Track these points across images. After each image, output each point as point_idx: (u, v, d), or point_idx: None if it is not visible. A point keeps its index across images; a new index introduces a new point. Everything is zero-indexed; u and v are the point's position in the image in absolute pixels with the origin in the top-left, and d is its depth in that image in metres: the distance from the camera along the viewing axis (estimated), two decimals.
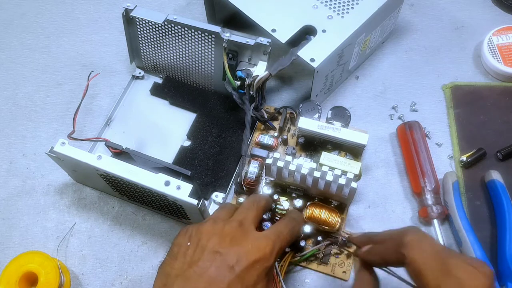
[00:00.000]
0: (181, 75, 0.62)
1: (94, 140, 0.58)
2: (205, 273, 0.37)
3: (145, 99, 0.63)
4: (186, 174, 0.48)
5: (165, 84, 0.63)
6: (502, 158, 0.56)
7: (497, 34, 0.63)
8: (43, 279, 0.49)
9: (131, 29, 0.60)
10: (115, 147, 0.51)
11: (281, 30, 0.55)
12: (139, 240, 0.54)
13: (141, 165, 0.48)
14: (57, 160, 0.51)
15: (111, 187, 0.53)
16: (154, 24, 0.57)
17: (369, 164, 0.58)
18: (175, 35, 0.57)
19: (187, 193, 0.45)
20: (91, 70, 0.59)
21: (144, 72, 0.64)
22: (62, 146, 0.48)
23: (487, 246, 0.51)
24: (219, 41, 0.55)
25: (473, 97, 0.61)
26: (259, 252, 0.39)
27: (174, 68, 0.62)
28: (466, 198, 0.54)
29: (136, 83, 0.64)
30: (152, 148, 0.59)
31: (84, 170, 0.50)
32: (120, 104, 0.62)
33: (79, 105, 0.54)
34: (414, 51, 0.65)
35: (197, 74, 0.61)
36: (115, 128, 0.61)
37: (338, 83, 0.62)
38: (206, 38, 0.56)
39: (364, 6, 0.56)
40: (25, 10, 0.72)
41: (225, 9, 0.65)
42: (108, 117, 0.61)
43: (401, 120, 0.60)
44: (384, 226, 0.54)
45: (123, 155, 0.51)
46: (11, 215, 0.56)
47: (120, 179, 0.47)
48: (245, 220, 0.41)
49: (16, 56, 0.68)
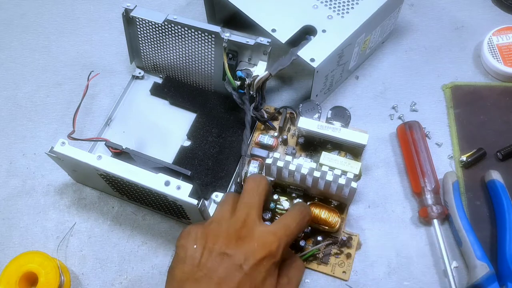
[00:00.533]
0: (181, 75, 0.62)
1: (94, 140, 0.58)
2: (215, 275, 0.37)
3: (145, 99, 0.63)
4: (186, 174, 0.48)
5: (165, 84, 0.63)
6: (502, 158, 0.56)
7: (497, 34, 0.63)
8: (43, 279, 0.49)
9: (131, 29, 0.60)
10: (115, 147, 0.51)
11: (281, 30, 0.55)
12: (139, 240, 0.54)
13: (141, 165, 0.48)
14: (57, 160, 0.51)
15: (111, 187, 0.53)
16: (154, 24, 0.57)
17: (369, 164, 0.58)
18: (175, 35, 0.57)
19: (187, 193, 0.45)
20: (91, 70, 0.59)
21: (144, 72, 0.64)
22: (62, 146, 0.48)
23: (487, 246, 0.51)
24: (219, 41, 0.55)
25: (473, 97, 0.61)
26: (266, 249, 0.39)
27: (174, 68, 0.62)
28: (466, 198, 0.54)
29: (136, 83, 0.64)
30: (152, 148, 0.59)
31: (84, 170, 0.50)
32: (120, 104, 0.62)
33: (79, 105, 0.54)
34: (414, 51, 0.65)
35: (197, 74, 0.61)
36: (115, 128, 0.61)
37: (338, 83, 0.62)
38: (206, 38, 0.56)
39: (364, 6, 0.56)
40: (25, 10, 0.72)
41: (225, 9, 0.65)
42: (108, 117, 0.61)
43: (401, 120, 0.60)
44: (384, 226, 0.54)
45: (123, 155, 0.51)
46: (11, 215, 0.56)
47: (120, 179, 0.47)
48: (248, 217, 0.41)
49: (16, 56, 0.68)
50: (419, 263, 0.52)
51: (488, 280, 0.48)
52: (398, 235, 0.53)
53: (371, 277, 0.51)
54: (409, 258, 0.52)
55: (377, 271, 0.52)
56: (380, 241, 0.53)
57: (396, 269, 0.52)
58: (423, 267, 0.52)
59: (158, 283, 0.52)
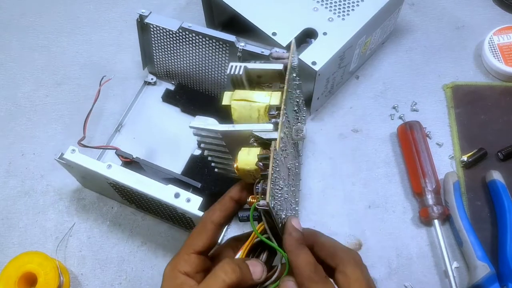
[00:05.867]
0: (194, 83, 0.62)
1: (104, 148, 0.58)
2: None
3: (157, 106, 0.62)
4: (196, 186, 0.48)
5: (177, 91, 0.63)
6: (503, 158, 0.56)
7: (498, 34, 0.63)
8: (42, 280, 0.49)
9: (145, 35, 0.59)
10: (125, 156, 0.50)
11: (282, 34, 0.54)
12: (138, 241, 0.54)
13: (151, 175, 0.47)
14: (67, 166, 0.51)
15: (120, 196, 0.52)
16: (168, 31, 0.56)
17: (369, 164, 0.57)
18: (189, 43, 0.57)
19: (196, 206, 0.44)
20: (103, 75, 0.56)
21: (156, 78, 0.64)
22: (72, 154, 0.48)
23: (487, 246, 0.51)
24: (234, 50, 0.54)
25: (474, 97, 0.60)
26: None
27: (186, 75, 0.61)
28: (467, 198, 0.54)
29: (148, 89, 0.64)
30: (162, 155, 0.58)
31: (94, 178, 0.50)
32: (132, 109, 0.62)
33: (90, 111, 0.53)
34: (415, 51, 0.65)
35: (209, 82, 0.60)
36: (126, 134, 0.60)
37: (339, 85, 0.62)
38: (220, 47, 0.55)
39: (364, 7, 0.56)
40: (24, 10, 0.72)
41: (224, 13, 0.64)
42: (119, 123, 0.61)
43: (401, 120, 0.60)
44: (384, 226, 0.54)
45: (133, 164, 0.51)
46: (10, 215, 0.56)
47: (129, 189, 0.47)
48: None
49: (16, 56, 0.68)
50: (420, 263, 0.52)
51: (489, 281, 0.48)
52: (398, 235, 0.53)
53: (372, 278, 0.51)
54: (409, 259, 0.52)
55: (377, 272, 0.51)
56: (380, 241, 0.53)
57: (397, 270, 0.51)
58: (424, 267, 0.51)
59: (158, 283, 0.51)
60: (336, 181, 0.57)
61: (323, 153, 0.58)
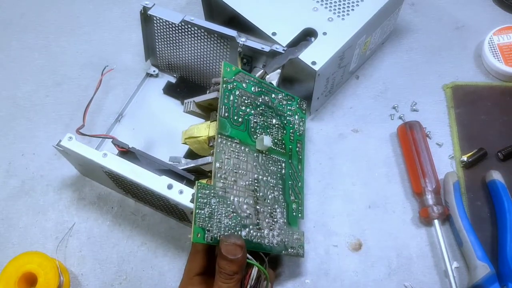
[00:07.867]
0: (195, 76, 0.62)
1: (101, 137, 0.58)
2: None
3: (158, 98, 0.63)
4: (190, 178, 0.48)
5: (178, 84, 0.63)
6: (503, 158, 0.56)
7: (498, 34, 0.63)
8: (42, 280, 0.49)
9: (148, 27, 0.59)
10: (121, 145, 0.51)
11: (282, 33, 0.54)
12: (138, 241, 0.54)
13: (146, 165, 0.47)
14: (64, 153, 0.52)
15: (116, 184, 0.53)
16: (171, 24, 0.57)
17: (369, 164, 0.57)
18: (191, 36, 0.57)
19: (189, 198, 0.45)
20: (106, 65, 0.58)
21: (158, 70, 0.64)
22: (69, 141, 0.48)
23: (487, 246, 0.51)
24: (235, 45, 0.55)
25: (474, 97, 0.60)
26: None
27: (188, 69, 0.61)
28: (467, 198, 0.54)
29: (150, 81, 0.64)
30: (160, 148, 0.59)
31: (90, 166, 0.50)
32: (133, 101, 0.62)
33: (90, 100, 0.54)
34: (415, 51, 0.65)
35: (210, 76, 0.60)
36: (126, 125, 0.61)
37: (339, 85, 0.62)
38: (221, 42, 0.56)
39: (364, 7, 0.56)
40: (24, 9, 0.72)
41: (224, 12, 0.64)
42: (119, 113, 0.61)
43: (401, 120, 0.60)
44: (384, 226, 0.54)
45: (129, 154, 0.51)
46: (10, 215, 0.56)
47: (123, 178, 0.47)
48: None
49: (15, 55, 0.68)
50: (420, 263, 0.52)
51: (489, 281, 0.48)
52: (398, 235, 0.53)
53: (372, 278, 0.51)
54: (409, 259, 0.52)
55: (377, 272, 0.51)
56: (380, 241, 0.53)
57: (397, 270, 0.52)
58: (424, 267, 0.51)
59: (158, 283, 0.52)
60: (336, 181, 0.57)
61: (323, 153, 0.58)
